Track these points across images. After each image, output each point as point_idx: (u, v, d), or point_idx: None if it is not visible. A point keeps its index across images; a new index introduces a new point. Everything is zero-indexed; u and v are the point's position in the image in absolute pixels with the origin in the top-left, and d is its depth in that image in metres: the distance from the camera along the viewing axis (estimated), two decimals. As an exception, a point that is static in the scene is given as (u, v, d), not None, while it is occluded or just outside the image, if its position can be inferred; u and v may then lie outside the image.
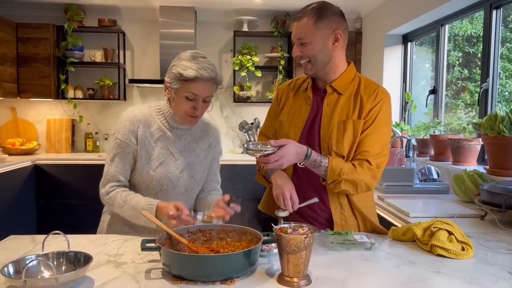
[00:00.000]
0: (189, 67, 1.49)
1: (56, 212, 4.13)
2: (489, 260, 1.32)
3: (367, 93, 1.56)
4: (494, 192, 1.76)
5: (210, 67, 1.51)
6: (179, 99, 1.54)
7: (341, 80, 1.59)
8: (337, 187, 1.50)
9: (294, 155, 1.42)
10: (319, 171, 1.50)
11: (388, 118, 1.59)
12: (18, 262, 1.09)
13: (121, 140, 1.58)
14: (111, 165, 1.59)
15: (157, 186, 1.60)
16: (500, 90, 2.88)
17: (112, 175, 1.58)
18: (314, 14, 1.51)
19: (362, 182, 1.51)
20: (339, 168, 1.48)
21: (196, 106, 1.53)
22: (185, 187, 1.65)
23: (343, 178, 1.48)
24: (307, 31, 1.51)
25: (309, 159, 1.45)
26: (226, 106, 4.90)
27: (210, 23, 4.80)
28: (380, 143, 1.55)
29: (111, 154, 1.60)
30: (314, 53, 1.52)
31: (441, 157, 2.97)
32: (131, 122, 1.58)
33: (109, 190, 1.58)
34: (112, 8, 4.57)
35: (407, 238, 1.47)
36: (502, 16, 2.75)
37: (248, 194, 4.53)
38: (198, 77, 1.48)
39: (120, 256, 1.32)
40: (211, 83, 1.53)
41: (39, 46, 4.34)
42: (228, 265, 1.12)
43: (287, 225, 1.15)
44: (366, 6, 4.35)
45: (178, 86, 1.52)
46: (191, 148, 1.66)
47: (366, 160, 1.52)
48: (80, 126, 4.77)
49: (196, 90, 1.50)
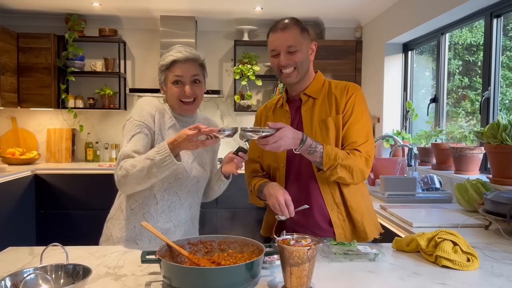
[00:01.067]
0: (167, 55, 1.60)
1: (55, 222, 4.10)
2: (495, 271, 1.29)
3: (339, 90, 1.64)
4: (499, 202, 1.74)
5: (186, 49, 1.59)
6: (169, 88, 1.60)
7: (313, 86, 1.67)
8: (334, 173, 1.51)
9: (290, 138, 1.44)
10: (314, 157, 1.51)
11: (365, 107, 1.65)
12: (16, 275, 1.07)
13: (139, 121, 1.57)
14: (128, 145, 1.53)
15: (172, 175, 1.59)
16: (501, 98, 2.87)
17: (127, 153, 1.51)
18: (298, 24, 1.61)
19: (357, 167, 1.53)
20: (334, 152, 1.51)
21: (185, 89, 1.58)
22: (197, 178, 1.68)
23: (339, 162, 1.50)
24: (296, 39, 1.58)
25: (305, 143, 1.47)
26: (226, 115, 4.90)
27: (211, 33, 4.81)
28: (364, 131, 1.60)
29: (128, 135, 1.55)
30: (302, 59, 1.59)
31: (443, 166, 2.96)
32: (149, 106, 1.62)
33: (121, 165, 1.49)
34: (112, 17, 4.60)
35: (411, 249, 1.45)
36: (502, 24, 2.75)
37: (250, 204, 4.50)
38: (175, 60, 1.57)
39: (120, 268, 1.30)
40: (192, 63, 1.59)
41: (40, 56, 4.35)
42: (229, 278, 1.10)
43: (290, 237, 1.13)
44: (367, 15, 4.36)
45: (164, 77, 1.60)
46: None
47: (355, 149, 1.56)
48: (81, 135, 4.76)
49: (177, 72, 1.57)
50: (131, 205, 1.62)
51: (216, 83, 4.86)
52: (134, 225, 1.62)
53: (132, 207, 1.62)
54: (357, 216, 1.62)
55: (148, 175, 1.45)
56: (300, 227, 1.59)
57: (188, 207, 1.69)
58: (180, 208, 1.66)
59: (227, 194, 1.84)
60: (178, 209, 1.65)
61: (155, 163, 1.42)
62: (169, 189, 1.62)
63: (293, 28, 1.59)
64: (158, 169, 1.43)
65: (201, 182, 1.71)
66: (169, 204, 1.63)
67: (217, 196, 1.82)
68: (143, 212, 1.61)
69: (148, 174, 1.44)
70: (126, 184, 1.50)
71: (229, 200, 3.82)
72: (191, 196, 1.69)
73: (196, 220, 1.77)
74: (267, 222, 1.77)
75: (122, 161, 1.50)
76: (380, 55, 4.17)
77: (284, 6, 4.17)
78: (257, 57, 4.64)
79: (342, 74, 4.46)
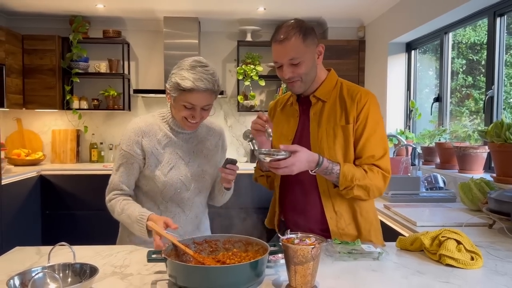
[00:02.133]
0: (187, 77, 1.49)
1: (61, 223, 4.13)
2: (499, 269, 1.30)
3: (350, 98, 1.57)
4: (502, 201, 1.74)
5: (208, 77, 1.51)
6: (178, 107, 1.56)
7: (323, 88, 1.60)
8: (350, 193, 1.51)
9: (304, 162, 1.42)
10: (331, 177, 1.50)
11: (378, 117, 1.58)
12: (24, 274, 1.08)
13: (125, 151, 1.60)
14: (116, 174, 1.63)
15: (171, 191, 1.61)
16: (505, 97, 2.86)
17: (115, 184, 1.62)
18: (300, 32, 1.49)
19: (374, 187, 1.51)
20: (351, 174, 1.48)
21: (194, 114, 1.55)
22: (198, 189, 1.67)
23: (355, 184, 1.48)
24: (298, 50, 1.49)
25: (321, 166, 1.45)
26: (230, 116, 4.91)
27: (214, 33, 4.83)
28: (381, 144, 1.56)
29: (116, 164, 1.64)
30: (307, 70, 1.52)
31: (447, 165, 2.96)
32: (135, 133, 1.60)
33: (112, 198, 1.62)
34: (116, 19, 4.62)
35: (415, 248, 1.45)
36: (506, 23, 2.75)
37: (254, 203, 4.50)
38: (194, 88, 1.49)
39: (126, 267, 1.31)
40: (209, 93, 1.53)
41: (45, 58, 4.38)
42: (234, 277, 1.11)
43: (294, 236, 1.14)
44: (369, 14, 4.36)
45: (176, 95, 1.54)
46: (199, 150, 1.68)
47: (374, 164, 1.53)
48: (85, 136, 4.79)
49: (193, 100, 1.52)
50: None
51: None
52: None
53: None
54: (366, 225, 1.59)
55: (127, 226, 1.58)
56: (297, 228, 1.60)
57: (194, 217, 1.69)
58: (186, 220, 1.66)
59: (232, 193, 1.83)
60: (183, 220, 1.65)
61: (130, 225, 1.55)
62: (171, 202, 1.64)
63: (294, 38, 1.48)
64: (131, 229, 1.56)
65: (203, 192, 1.71)
66: (173, 215, 1.63)
67: (223, 203, 1.82)
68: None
69: (127, 225, 1.59)
70: (111, 213, 1.65)
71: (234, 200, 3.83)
72: (195, 207, 1.69)
73: (203, 224, 1.76)
74: (270, 213, 1.76)
75: (111, 193, 1.63)
76: (383, 55, 4.17)
77: (287, 7, 4.18)
78: (260, 57, 4.65)
79: (345, 74, 4.42)
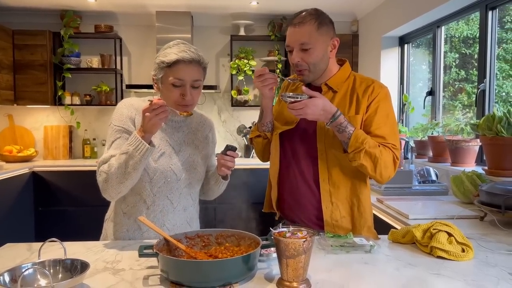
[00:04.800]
0: (170, 53, 1.48)
1: (54, 219, 4.11)
2: (490, 261, 1.31)
3: (362, 89, 1.57)
4: (493, 193, 1.76)
5: (191, 50, 1.50)
6: (167, 89, 1.51)
7: (337, 78, 1.60)
8: (357, 158, 1.47)
9: (319, 109, 1.43)
10: (342, 136, 1.48)
11: (389, 110, 1.58)
12: (14, 271, 1.07)
13: (119, 126, 1.53)
14: (108, 151, 1.51)
15: (161, 179, 1.56)
16: (498, 90, 2.88)
17: (105, 159, 1.48)
18: (316, 20, 1.51)
19: (382, 161, 1.48)
20: (363, 137, 1.47)
21: (184, 93, 1.49)
22: (188, 180, 1.62)
23: (365, 147, 1.46)
24: (311, 36, 1.49)
25: (335, 120, 1.45)
26: (224, 111, 4.90)
27: (207, 28, 4.80)
28: (393, 134, 1.55)
29: (109, 142, 1.54)
30: (316, 60, 1.52)
31: (439, 158, 2.97)
32: (128, 109, 1.56)
33: (100, 170, 1.48)
34: (108, 14, 4.58)
35: (407, 241, 1.46)
36: (498, 16, 2.75)
37: (248, 197, 4.51)
38: (179, 59, 1.46)
39: (118, 262, 1.31)
40: (195, 66, 1.50)
41: (36, 53, 4.34)
42: (226, 271, 1.11)
43: (286, 229, 1.14)
44: (363, 8, 4.36)
45: (163, 74, 1.50)
46: (190, 140, 1.65)
47: (386, 145, 1.51)
48: (78, 132, 4.76)
49: (180, 74, 1.47)
50: (124, 209, 1.60)
51: (213, 78, 4.85)
52: (127, 229, 1.59)
53: (124, 211, 1.60)
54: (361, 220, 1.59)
55: (127, 169, 1.41)
56: (294, 214, 1.63)
57: (182, 210, 1.63)
58: (173, 212, 1.60)
59: (225, 190, 1.82)
60: (171, 213, 1.60)
61: (130, 155, 1.40)
62: (159, 194, 1.56)
63: (308, 24, 1.49)
64: (134, 160, 1.40)
65: (193, 184, 1.65)
66: (161, 208, 1.58)
67: (218, 195, 1.79)
68: (134, 217, 1.57)
69: (126, 168, 1.41)
70: (109, 188, 1.46)
71: (229, 195, 3.83)
72: (184, 198, 1.63)
73: (193, 220, 1.71)
74: (267, 199, 1.76)
75: (101, 166, 1.48)
76: (376, 49, 4.17)
77: (279, 1, 4.16)
78: (254, 52, 4.63)
79: (338, 68, 4.45)
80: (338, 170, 1.56)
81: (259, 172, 4.06)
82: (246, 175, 4.09)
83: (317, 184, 1.59)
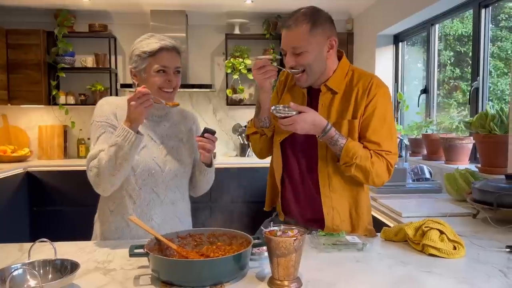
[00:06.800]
0: (150, 42, 1.53)
1: (49, 219, 4.09)
2: (481, 258, 1.31)
3: (361, 87, 1.52)
4: (486, 191, 1.76)
5: (168, 39, 1.56)
6: (151, 77, 1.54)
7: (335, 78, 1.55)
8: (348, 171, 1.48)
9: (309, 124, 1.41)
10: (334, 149, 1.48)
11: (386, 111, 1.52)
12: (3, 271, 1.07)
13: (101, 122, 1.54)
14: (95, 146, 1.51)
15: (145, 171, 1.55)
16: (492, 88, 2.89)
17: (94, 155, 1.48)
18: (308, 21, 1.45)
19: (373, 173, 1.47)
20: (353, 151, 1.45)
21: (170, 78, 1.55)
22: (174, 172, 1.61)
23: (355, 162, 1.45)
24: (303, 40, 1.44)
25: (326, 134, 1.44)
26: (219, 110, 4.89)
27: (202, 27, 4.79)
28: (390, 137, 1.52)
29: (94, 138, 1.54)
30: (310, 62, 1.47)
31: (433, 156, 2.98)
32: (109, 105, 1.58)
33: (90, 165, 1.48)
34: (102, 13, 4.56)
35: (399, 238, 1.46)
36: (491, 14, 2.76)
37: (243, 196, 4.50)
38: (162, 47, 1.52)
39: (109, 262, 1.30)
40: (176, 54, 1.56)
41: (30, 52, 4.31)
42: (217, 270, 1.11)
43: (277, 228, 1.14)
44: (357, 6, 4.36)
45: (146, 64, 1.53)
46: (172, 134, 1.65)
47: (380, 152, 1.49)
48: (73, 132, 4.73)
49: (164, 61, 1.53)
50: (110, 207, 1.59)
51: (208, 77, 4.84)
52: (116, 227, 1.59)
53: (111, 208, 1.59)
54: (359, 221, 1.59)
55: (118, 161, 1.42)
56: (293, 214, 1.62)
57: (169, 203, 1.62)
58: (161, 205, 1.59)
59: (220, 189, 1.81)
60: (158, 206, 1.59)
61: (119, 146, 1.41)
62: (144, 187, 1.56)
63: (300, 26, 1.44)
64: (124, 151, 1.41)
65: (179, 176, 1.64)
66: (147, 202, 1.57)
67: (208, 188, 1.76)
68: (122, 214, 1.57)
69: (117, 160, 1.42)
70: (101, 182, 1.47)
71: (223, 193, 3.83)
72: (170, 191, 1.62)
73: (185, 216, 1.70)
74: (268, 197, 1.75)
75: (91, 162, 1.48)
76: (371, 47, 4.17)
77: (274, -1, 4.15)
78: (249, 50, 4.62)
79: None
80: (338, 176, 1.55)
81: (254, 171, 4.04)
82: (241, 174, 4.08)
83: (317, 190, 1.57)
